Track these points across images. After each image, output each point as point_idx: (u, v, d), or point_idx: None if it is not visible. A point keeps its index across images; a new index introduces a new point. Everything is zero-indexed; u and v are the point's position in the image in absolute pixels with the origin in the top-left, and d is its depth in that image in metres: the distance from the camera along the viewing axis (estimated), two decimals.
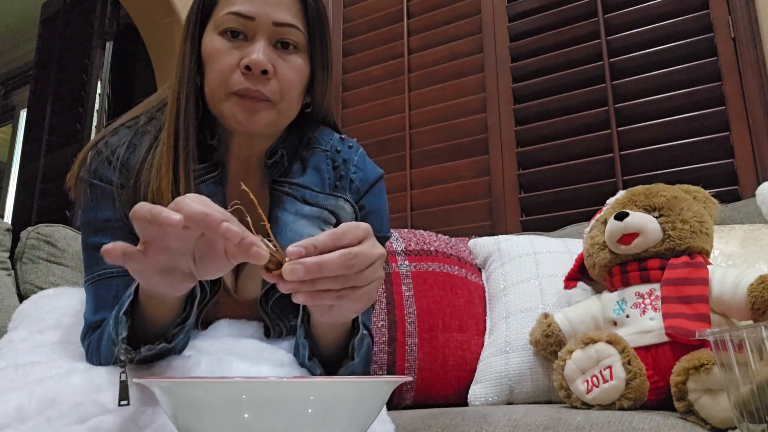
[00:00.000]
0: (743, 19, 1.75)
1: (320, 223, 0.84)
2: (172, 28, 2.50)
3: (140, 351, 0.66)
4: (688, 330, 0.95)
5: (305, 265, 0.53)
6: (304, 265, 0.53)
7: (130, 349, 0.65)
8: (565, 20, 2.01)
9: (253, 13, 0.77)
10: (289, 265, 0.53)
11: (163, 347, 0.67)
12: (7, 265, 1.26)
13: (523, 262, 1.38)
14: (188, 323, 0.68)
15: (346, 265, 0.55)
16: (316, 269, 0.53)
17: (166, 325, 0.67)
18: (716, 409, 0.86)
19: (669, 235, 1.09)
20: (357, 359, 0.73)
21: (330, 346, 0.74)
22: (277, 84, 0.78)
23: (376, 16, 2.39)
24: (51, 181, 3.22)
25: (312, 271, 0.53)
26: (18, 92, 4.81)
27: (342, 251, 0.55)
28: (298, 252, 0.53)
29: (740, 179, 1.66)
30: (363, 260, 0.56)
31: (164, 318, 0.67)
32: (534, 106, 2.00)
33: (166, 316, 0.67)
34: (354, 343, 0.72)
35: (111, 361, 0.70)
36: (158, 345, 0.67)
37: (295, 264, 0.53)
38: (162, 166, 0.76)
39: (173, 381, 0.45)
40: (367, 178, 0.89)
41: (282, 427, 0.44)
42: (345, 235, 0.56)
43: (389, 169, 2.09)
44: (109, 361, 0.70)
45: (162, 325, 0.67)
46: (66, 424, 0.61)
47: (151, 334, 0.67)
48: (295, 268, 0.53)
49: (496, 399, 1.22)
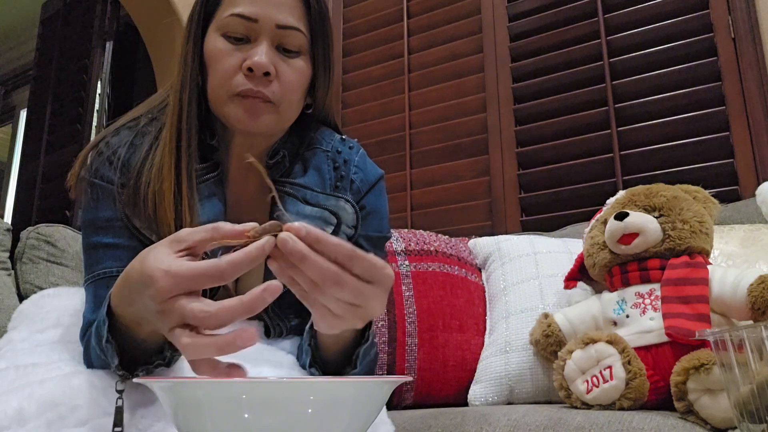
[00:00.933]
0: (743, 19, 1.75)
1: (321, 223, 0.84)
2: (172, 28, 2.50)
3: (137, 374, 0.65)
4: (688, 330, 0.95)
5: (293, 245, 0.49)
6: (293, 245, 0.49)
7: (128, 375, 0.65)
8: (565, 20, 2.01)
9: (256, 15, 0.77)
10: (285, 234, 0.50)
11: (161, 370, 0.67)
12: (7, 265, 1.26)
13: (523, 262, 1.38)
14: None
15: (325, 281, 0.50)
16: (298, 256, 0.49)
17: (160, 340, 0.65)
18: (716, 409, 0.86)
19: (669, 235, 1.09)
20: (359, 368, 0.73)
21: (333, 354, 0.73)
22: (278, 86, 0.78)
23: (376, 16, 2.39)
24: (51, 181, 3.22)
25: (294, 254, 0.49)
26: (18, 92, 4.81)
27: (331, 266, 0.50)
28: (298, 229, 0.50)
29: (740, 179, 1.66)
30: (345, 292, 0.51)
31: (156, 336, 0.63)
32: (534, 106, 2.00)
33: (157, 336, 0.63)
34: (360, 351, 0.71)
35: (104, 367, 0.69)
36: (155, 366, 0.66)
37: (289, 237, 0.50)
38: (164, 167, 0.76)
39: (173, 381, 0.45)
40: (367, 178, 0.89)
41: (282, 427, 0.44)
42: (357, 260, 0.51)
43: (389, 169, 2.08)
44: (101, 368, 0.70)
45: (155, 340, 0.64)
46: (66, 426, 0.61)
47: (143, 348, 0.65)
48: (285, 240, 0.49)
49: (496, 399, 1.22)
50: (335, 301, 0.52)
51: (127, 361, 0.65)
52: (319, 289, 0.51)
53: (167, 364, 0.67)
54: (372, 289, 0.52)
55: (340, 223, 0.85)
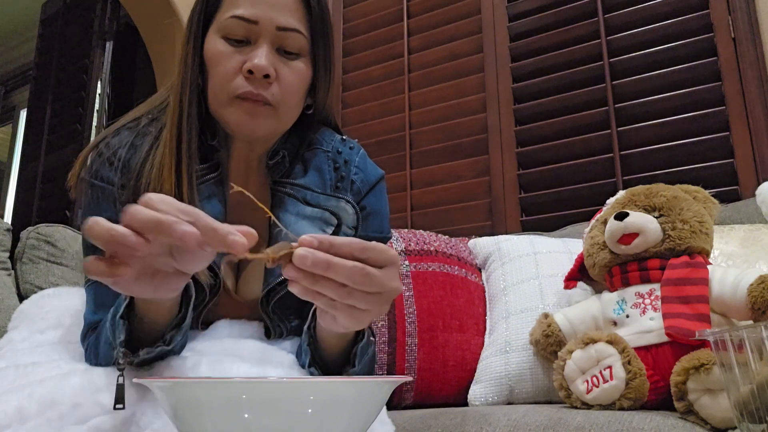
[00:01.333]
0: (743, 19, 1.75)
1: (321, 224, 0.84)
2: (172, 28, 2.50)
3: (139, 355, 0.66)
4: (688, 330, 0.95)
5: (314, 257, 0.50)
6: (314, 257, 0.50)
7: (129, 353, 0.65)
8: (565, 20, 2.01)
9: (256, 17, 0.76)
10: (302, 250, 0.50)
11: (161, 350, 0.67)
12: (7, 265, 1.26)
13: (523, 262, 1.38)
14: (184, 325, 0.68)
15: (354, 278, 0.52)
16: (323, 265, 0.51)
17: (163, 327, 0.67)
18: (716, 409, 0.86)
19: (669, 235, 1.09)
20: (358, 366, 0.73)
21: (333, 354, 0.73)
22: (278, 88, 0.77)
23: (376, 16, 2.39)
24: (51, 181, 3.22)
25: (318, 265, 0.51)
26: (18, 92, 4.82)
27: (356, 264, 0.52)
28: (310, 242, 0.51)
29: (740, 179, 1.66)
30: (372, 283, 0.53)
31: (161, 320, 0.66)
32: (534, 106, 2.00)
33: (163, 319, 0.66)
34: (357, 349, 0.71)
35: (109, 363, 0.70)
36: (157, 348, 0.67)
37: (307, 251, 0.50)
38: (164, 169, 0.76)
39: (173, 381, 0.45)
40: (368, 179, 0.89)
41: (282, 427, 0.44)
42: (369, 250, 0.53)
43: (389, 169, 2.08)
44: (107, 363, 0.70)
45: (159, 328, 0.67)
46: (66, 424, 0.62)
47: (148, 336, 0.67)
48: (305, 255, 0.50)
49: (496, 399, 1.22)
50: (363, 296, 0.54)
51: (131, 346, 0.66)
52: (347, 291, 0.53)
53: (167, 345, 0.67)
54: (388, 272, 0.55)
55: (341, 223, 0.85)
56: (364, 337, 0.72)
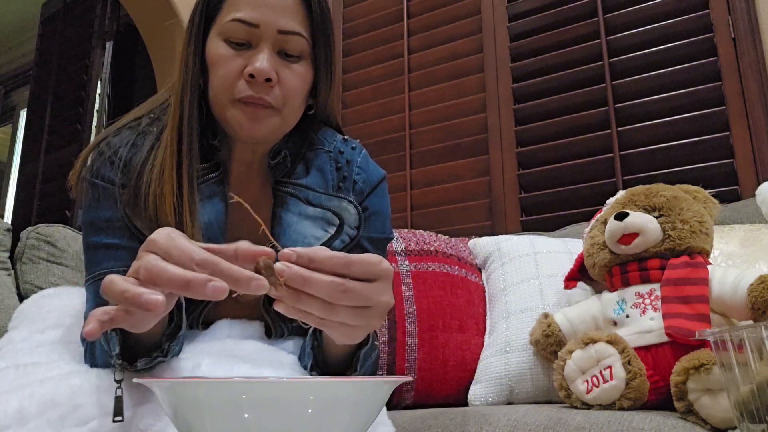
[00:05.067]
0: (743, 19, 1.75)
1: (324, 224, 0.84)
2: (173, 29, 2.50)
3: (136, 366, 0.66)
4: (688, 330, 0.95)
5: (290, 271, 0.48)
6: (290, 271, 0.48)
7: (126, 365, 0.65)
8: (565, 20, 2.01)
9: (257, 20, 0.76)
10: (278, 264, 0.49)
11: (159, 361, 0.67)
12: (7, 265, 1.26)
13: (523, 262, 1.38)
14: (180, 334, 0.68)
15: (333, 294, 0.50)
16: (298, 280, 0.49)
17: (157, 337, 0.66)
18: (716, 409, 0.86)
19: (669, 235, 1.09)
20: (360, 371, 0.72)
21: (337, 358, 0.73)
22: (280, 91, 0.77)
23: (376, 16, 2.39)
24: (51, 181, 3.22)
25: (294, 280, 0.49)
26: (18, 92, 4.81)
27: (334, 278, 0.49)
28: (289, 255, 0.49)
29: (740, 179, 1.66)
30: (355, 298, 0.51)
31: (155, 329, 0.64)
32: (534, 106, 2.00)
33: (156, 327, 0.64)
34: (360, 354, 0.71)
35: (107, 366, 0.69)
36: (155, 359, 0.66)
37: (284, 266, 0.49)
38: (165, 170, 0.76)
39: (173, 381, 0.45)
40: (370, 179, 0.89)
41: (282, 427, 0.44)
42: (354, 264, 0.51)
43: (389, 169, 2.06)
44: (105, 366, 0.70)
45: (154, 336, 0.66)
46: (66, 425, 0.62)
47: (145, 340, 0.66)
48: (281, 269, 0.49)
49: (496, 399, 1.22)
50: (349, 312, 0.51)
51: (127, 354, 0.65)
52: (331, 307, 0.51)
53: (164, 355, 0.67)
54: (376, 287, 0.52)
55: (343, 224, 0.85)
56: (369, 341, 0.71)
